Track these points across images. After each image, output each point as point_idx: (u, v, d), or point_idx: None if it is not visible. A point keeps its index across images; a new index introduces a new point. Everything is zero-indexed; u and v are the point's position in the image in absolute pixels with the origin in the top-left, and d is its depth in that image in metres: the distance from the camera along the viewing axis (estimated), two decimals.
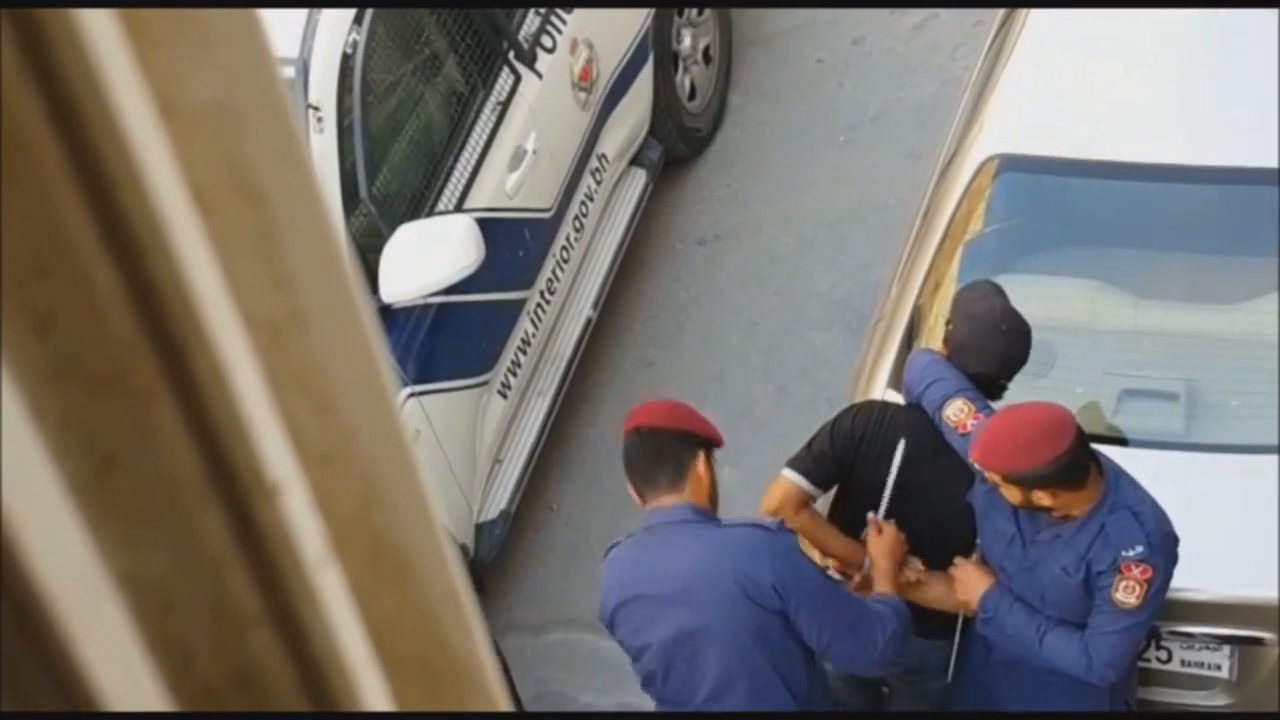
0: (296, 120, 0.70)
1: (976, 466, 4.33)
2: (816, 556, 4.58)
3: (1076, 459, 4.25)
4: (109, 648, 0.67)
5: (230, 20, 0.65)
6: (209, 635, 0.70)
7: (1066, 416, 4.32)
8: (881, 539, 4.60)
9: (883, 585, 4.53)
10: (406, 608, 0.77)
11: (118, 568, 0.67)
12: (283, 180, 0.69)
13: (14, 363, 0.64)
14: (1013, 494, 4.31)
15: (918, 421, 4.63)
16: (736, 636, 4.24)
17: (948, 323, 4.74)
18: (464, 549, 5.92)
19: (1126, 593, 4.35)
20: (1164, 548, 4.36)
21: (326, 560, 0.72)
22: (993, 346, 4.62)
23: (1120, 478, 4.39)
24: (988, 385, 4.65)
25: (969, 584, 4.57)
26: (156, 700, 0.69)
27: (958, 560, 4.61)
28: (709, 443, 4.42)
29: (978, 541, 4.63)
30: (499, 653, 5.58)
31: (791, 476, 4.66)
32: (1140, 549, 4.32)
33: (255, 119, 0.67)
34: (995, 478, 4.29)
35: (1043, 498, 4.28)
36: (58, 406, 0.65)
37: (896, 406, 4.80)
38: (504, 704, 0.82)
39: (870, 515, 4.61)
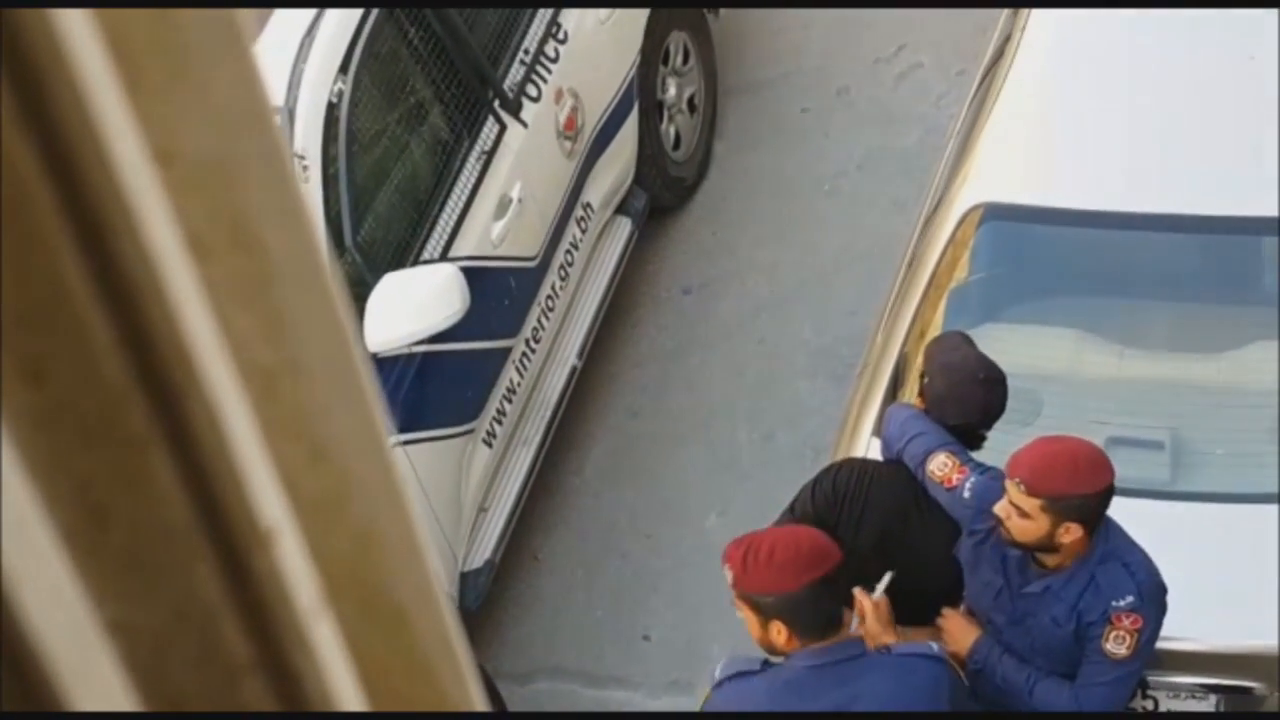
0: (293, 169, 0.70)
1: (1015, 491, 4.24)
2: None
3: (1104, 508, 4.26)
4: (100, 697, 0.66)
5: (228, 70, 0.65)
6: (202, 683, 0.70)
7: (1101, 450, 4.34)
8: (875, 612, 4.51)
9: (885, 638, 4.45)
10: (400, 655, 0.77)
11: (109, 617, 0.67)
12: (279, 228, 0.69)
13: (6, 410, 0.63)
14: (1038, 525, 4.24)
15: (898, 478, 4.62)
16: None
17: (922, 376, 4.73)
18: (448, 598, 5.90)
19: (1117, 643, 4.34)
20: (1154, 597, 4.35)
21: (320, 609, 0.72)
22: (973, 397, 4.61)
23: (1110, 527, 4.38)
24: (968, 436, 4.64)
25: (957, 635, 4.56)
26: None
27: (945, 611, 4.59)
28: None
29: (964, 594, 4.61)
30: (497, 695, 5.55)
31: None
32: (1131, 599, 4.31)
33: (252, 167, 0.67)
34: (1026, 504, 4.23)
35: (1069, 532, 4.24)
36: (50, 455, 0.65)
37: (876, 464, 4.77)
38: None
39: (858, 591, 4.53)
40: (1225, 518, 5.00)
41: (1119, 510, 4.88)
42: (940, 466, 4.50)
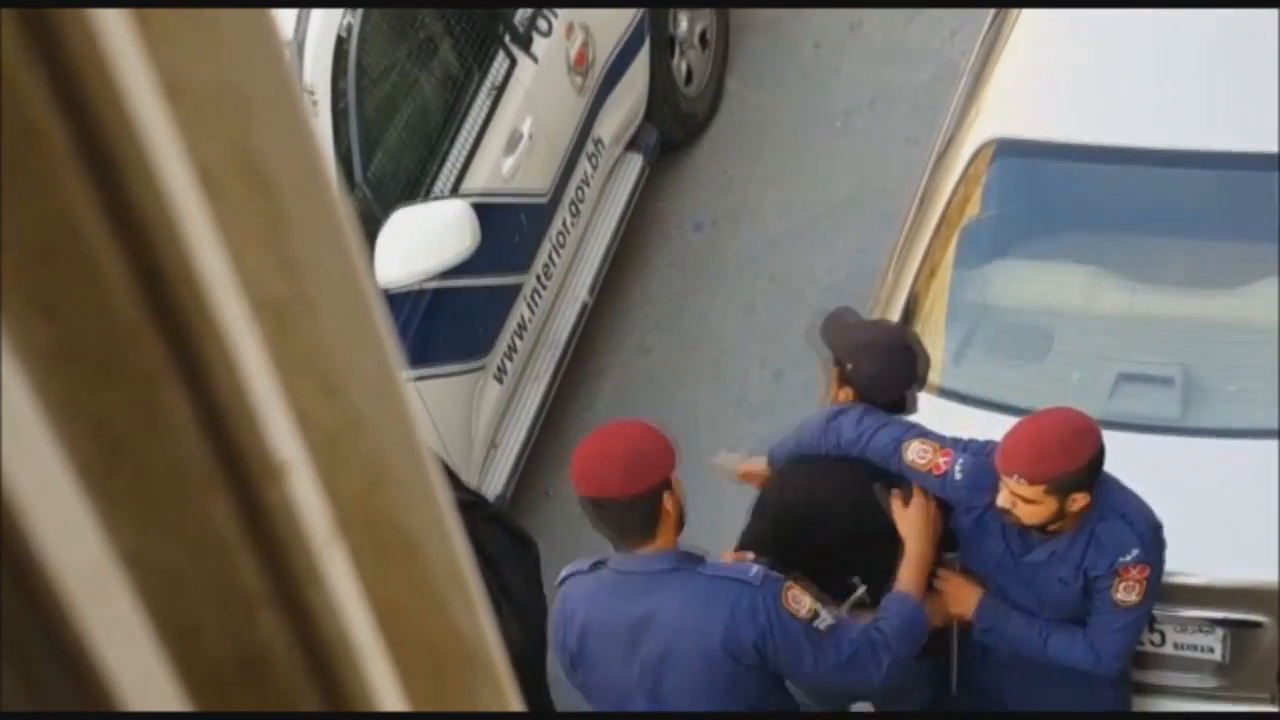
0: (303, 103, 0.70)
1: (1016, 485, 4.18)
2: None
3: (1099, 465, 4.25)
4: (117, 629, 0.67)
5: (237, 4, 0.65)
6: (216, 617, 0.70)
7: (1081, 414, 4.30)
8: (909, 514, 4.40)
9: (911, 575, 4.36)
10: (413, 590, 0.77)
11: (125, 551, 0.67)
12: (289, 163, 0.68)
13: (18, 348, 0.64)
14: (1046, 507, 4.21)
15: (850, 477, 4.49)
16: (711, 687, 4.18)
17: (841, 363, 4.57)
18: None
19: (1127, 592, 4.34)
20: (1156, 543, 4.35)
21: (333, 541, 0.72)
22: (905, 365, 4.51)
23: (1102, 479, 4.36)
24: (898, 406, 4.53)
25: (960, 596, 4.52)
26: (164, 680, 0.69)
27: (942, 573, 4.51)
28: (668, 480, 4.17)
29: (963, 564, 4.57)
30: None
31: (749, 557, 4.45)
32: (1135, 552, 4.32)
33: (262, 102, 0.67)
34: (1029, 493, 4.18)
35: (1076, 501, 4.22)
36: (63, 392, 0.65)
37: (824, 469, 4.58)
38: (510, 688, 0.82)
39: (880, 488, 4.45)
40: (1235, 453, 5.00)
41: (1131, 446, 4.89)
42: (920, 455, 4.38)
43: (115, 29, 0.62)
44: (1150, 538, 4.34)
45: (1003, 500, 4.26)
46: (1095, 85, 5.64)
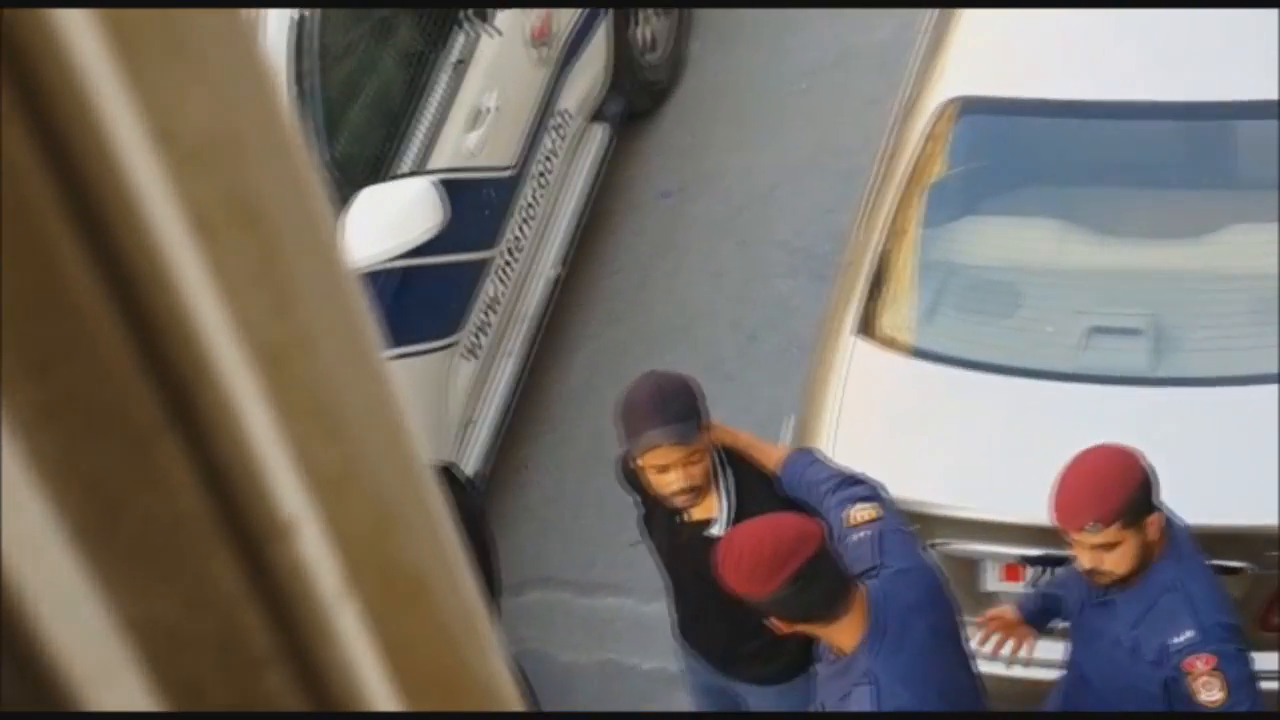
0: (298, 142, 0.68)
1: (1092, 535, 4.10)
2: None
3: (1153, 485, 4.12)
4: (120, 696, 0.65)
5: (226, 45, 0.63)
6: (223, 678, 0.68)
7: (1105, 445, 4.17)
8: None
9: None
10: (424, 632, 0.75)
11: (125, 614, 0.65)
12: (283, 202, 0.66)
13: (11, 406, 0.62)
14: (1129, 545, 4.10)
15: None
16: None
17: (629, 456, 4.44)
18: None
19: (1207, 691, 4.10)
20: (1219, 636, 4.14)
21: (344, 595, 0.70)
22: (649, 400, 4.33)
23: (1180, 543, 4.21)
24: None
25: None
26: None
27: None
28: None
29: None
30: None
31: None
32: (1190, 634, 4.12)
33: (255, 143, 0.65)
34: (1106, 537, 4.09)
35: (1153, 524, 4.10)
36: (58, 451, 0.63)
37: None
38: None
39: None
40: (1206, 401, 5.02)
41: (1103, 398, 4.90)
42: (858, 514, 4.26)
43: (100, 69, 0.60)
44: (1212, 628, 4.13)
45: (1088, 561, 4.14)
46: (1056, 40, 5.64)
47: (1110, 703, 4.36)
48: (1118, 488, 4.08)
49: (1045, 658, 4.73)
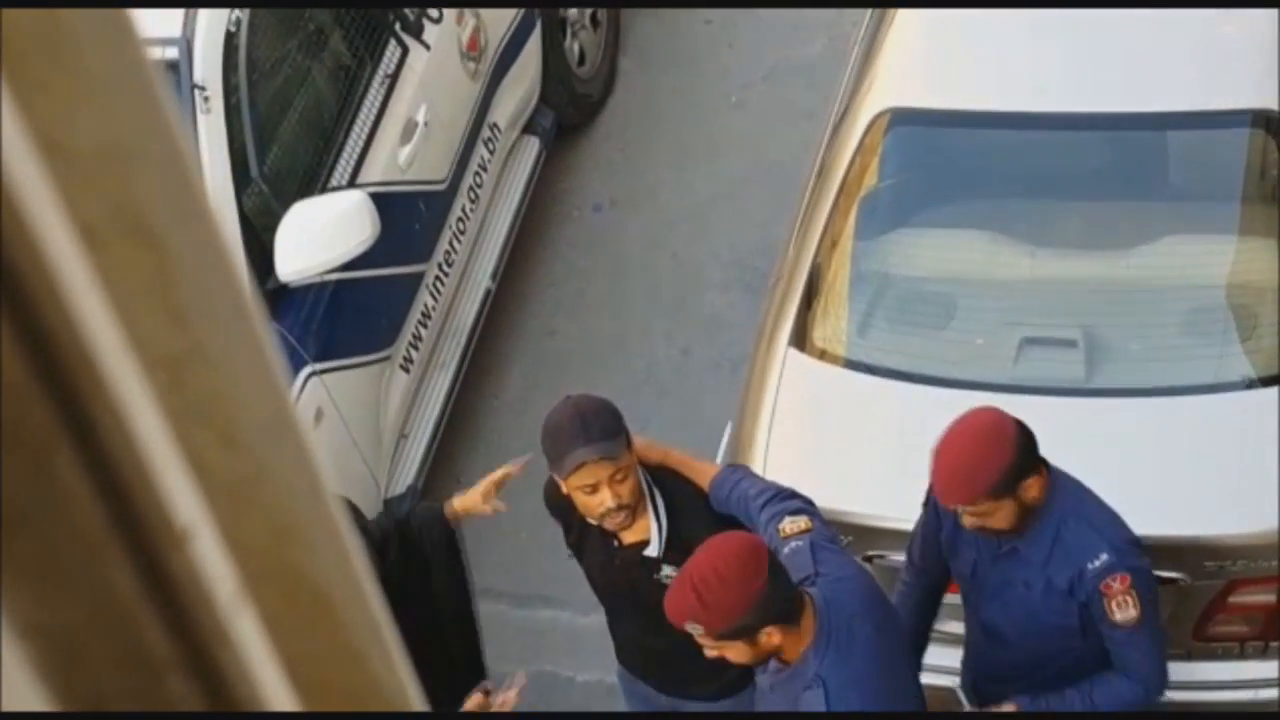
0: (190, 155, 0.68)
1: (970, 510, 4.19)
2: None
3: (1029, 449, 4.18)
4: (14, 699, 0.65)
5: (115, 58, 0.63)
6: (122, 684, 0.68)
7: (981, 411, 4.25)
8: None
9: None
10: (327, 642, 0.75)
11: (22, 621, 0.65)
12: (175, 215, 0.66)
13: None
14: (1005, 509, 4.18)
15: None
16: None
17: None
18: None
19: (1122, 610, 4.24)
20: (1130, 550, 4.28)
21: (240, 600, 0.70)
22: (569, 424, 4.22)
23: (1060, 480, 4.30)
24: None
25: None
26: None
27: None
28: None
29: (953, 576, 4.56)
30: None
31: None
32: (1105, 557, 4.24)
33: (145, 155, 0.65)
34: (980, 509, 4.18)
35: (1030, 487, 4.17)
36: None
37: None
38: None
39: None
40: (1139, 412, 5.05)
41: (1037, 409, 4.92)
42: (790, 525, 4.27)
43: None
44: (1122, 545, 4.26)
45: (969, 524, 4.25)
46: (988, 52, 5.67)
47: (1028, 647, 4.43)
48: (983, 469, 4.13)
49: (936, 664, 4.80)
